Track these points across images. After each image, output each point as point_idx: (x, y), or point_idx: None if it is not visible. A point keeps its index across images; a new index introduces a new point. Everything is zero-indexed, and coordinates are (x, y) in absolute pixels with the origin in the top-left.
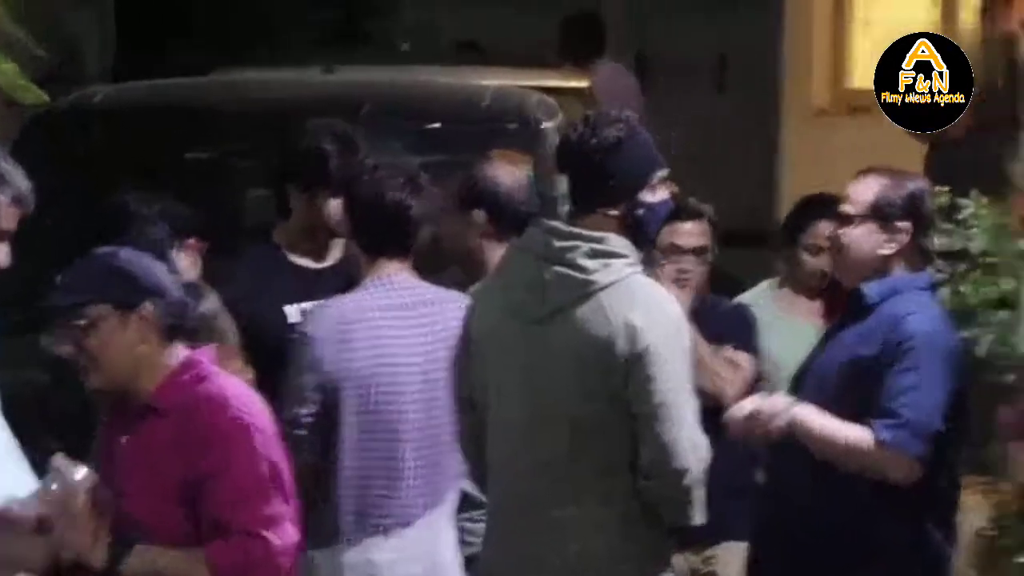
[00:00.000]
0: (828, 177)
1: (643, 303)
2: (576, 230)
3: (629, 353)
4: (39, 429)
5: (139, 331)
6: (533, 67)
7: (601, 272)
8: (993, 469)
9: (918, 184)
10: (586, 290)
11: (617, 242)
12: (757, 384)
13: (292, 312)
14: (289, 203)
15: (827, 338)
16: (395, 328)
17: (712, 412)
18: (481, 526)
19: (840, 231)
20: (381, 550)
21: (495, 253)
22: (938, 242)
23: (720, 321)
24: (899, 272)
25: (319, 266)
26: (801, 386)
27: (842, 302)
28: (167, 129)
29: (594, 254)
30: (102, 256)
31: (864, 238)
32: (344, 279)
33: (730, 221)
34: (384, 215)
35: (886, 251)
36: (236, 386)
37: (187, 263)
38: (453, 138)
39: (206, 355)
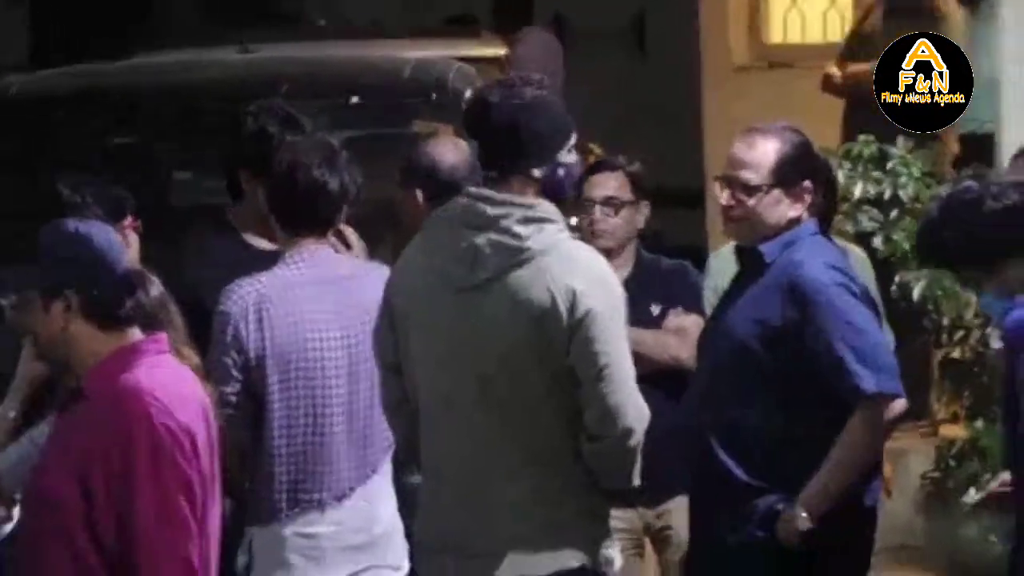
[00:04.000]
0: None
1: (580, 267)
2: (507, 197)
3: (571, 317)
4: None
5: (62, 318)
6: (450, 37)
7: (535, 238)
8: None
9: (803, 139)
10: (521, 256)
11: (547, 207)
12: None
13: None
14: (241, 186)
15: (729, 297)
16: (314, 303)
17: (669, 376)
18: None
19: (746, 200)
20: (319, 524)
21: None
22: (869, 190)
23: (664, 282)
24: (800, 224)
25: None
26: (706, 345)
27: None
28: (85, 116)
29: (526, 220)
30: (45, 234)
31: (772, 206)
32: None
33: (656, 181)
34: (299, 193)
35: (793, 214)
36: (164, 378)
37: (122, 245)
38: (375, 112)
39: (156, 342)
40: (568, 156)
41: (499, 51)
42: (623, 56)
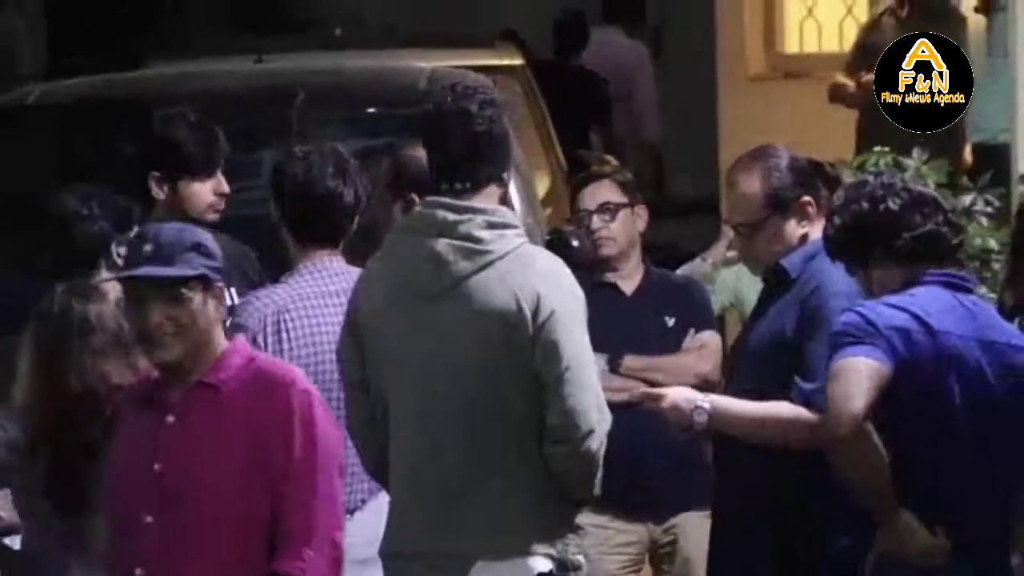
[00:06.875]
0: (766, 142)
1: (542, 271)
2: (469, 204)
3: (535, 320)
4: None
5: (216, 307)
6: (467, 47)
7: (497, 243)
8: None
9: (781, 160)
10: (484, 260)
11: (507, 213)
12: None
13: None
14: (151, 195)
15: (757, 312)
16: (330, 315)
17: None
18: None
19: (747, 239)
20: None
21: None
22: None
23: (676, 296)
24: (814, 236)
25: None
26: (737, 362)
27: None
28: (102, 125)
29: (489, 225)
30: (180, 230)
31: (776, 235)
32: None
33: (672, 190)
34: (313, 202)
35: (802, 231)
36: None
37: None
38: (391, 122)
39: (240, 342)
40: None
41: (515, 61)
42: None
